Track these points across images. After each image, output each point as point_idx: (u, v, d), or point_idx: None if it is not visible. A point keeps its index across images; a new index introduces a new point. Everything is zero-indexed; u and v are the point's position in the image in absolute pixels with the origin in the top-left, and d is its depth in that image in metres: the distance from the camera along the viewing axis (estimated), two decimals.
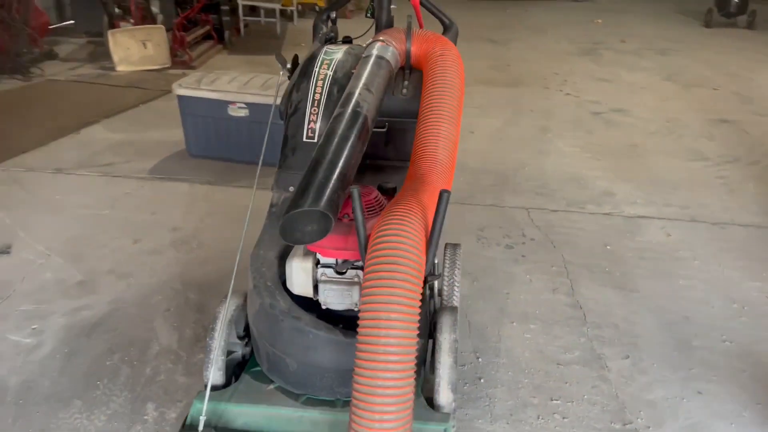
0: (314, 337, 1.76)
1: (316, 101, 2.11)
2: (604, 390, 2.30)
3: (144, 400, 2.21)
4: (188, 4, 7.53)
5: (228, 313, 1.89)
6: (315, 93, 2.12)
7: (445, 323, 1.85)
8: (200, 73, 4.54)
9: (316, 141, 2.01)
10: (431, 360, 1.92)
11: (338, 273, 1.79)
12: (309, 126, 2.09)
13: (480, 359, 2.43)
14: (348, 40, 2.50)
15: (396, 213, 1.54)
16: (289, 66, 2.44)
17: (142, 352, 2.45)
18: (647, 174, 4.28)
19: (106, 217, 3.56)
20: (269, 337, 1.84)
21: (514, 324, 2.65)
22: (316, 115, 2.10)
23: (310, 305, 1.83)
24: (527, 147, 4.76)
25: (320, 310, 1.83)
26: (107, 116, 5.28)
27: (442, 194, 1.53)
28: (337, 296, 1.79)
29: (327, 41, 2.48)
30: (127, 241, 3.28)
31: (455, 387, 1.79)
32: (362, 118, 1.77)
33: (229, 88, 4.09)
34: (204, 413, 1.70)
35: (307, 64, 2.21)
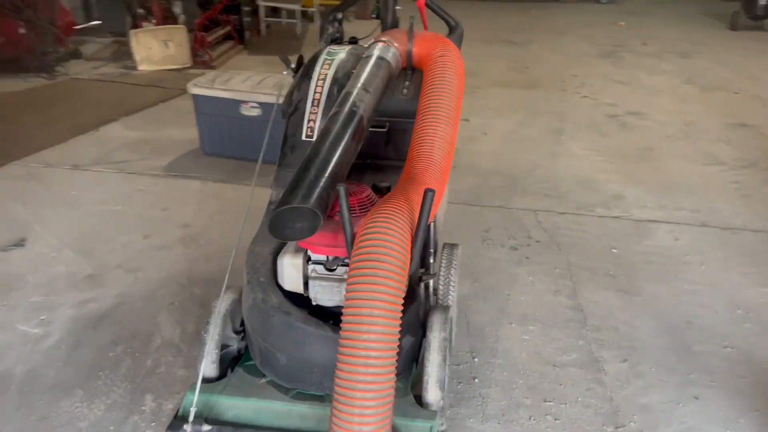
0: (304, 333, 1.79)
1: (316, 101, 2.15)
2: (598, 393, 2.29)
3: (143, 391, 2.26)
4: (210, 5, 7.66)
5: (223, 307, 1.93)
6: (315, 93, 2.16)
7: (435, 321, 1.87)
8: (215, 72, 4.61)
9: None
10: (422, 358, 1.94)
11: (328, 270, 1.82)
12: (308, 125, 2.13)
13: (476, 359, 2.44)
14: (353, 41, 2.53)
15: (383, 211, 1.57)
16: (293, 66, 2.49)
17: (144, 345, 2.50)
18: (660, 177, 4.23)
19: (119, 212, 3.64)
20: (261, 331, 1.87)
21: (513, 325, 2.65)
22: (315, 115, 2.13)
23: (303, 301, 1.86)
24: (540, 149, 4.74)
25: (312, 306, 1.86)
26: (126, 114, 5.39)
27: (427, 193, 1.56)
28: (327, 292, 1.82)
29: (332, 41, 2.52)
30: (138, 237, 3.35)
31: (443, 385, 1.81)
32: (358, 118, 1.80)
33: (242, 87, 4.15)
34: (194, 404, 1.74)
35: (309, 65, 2.25)
